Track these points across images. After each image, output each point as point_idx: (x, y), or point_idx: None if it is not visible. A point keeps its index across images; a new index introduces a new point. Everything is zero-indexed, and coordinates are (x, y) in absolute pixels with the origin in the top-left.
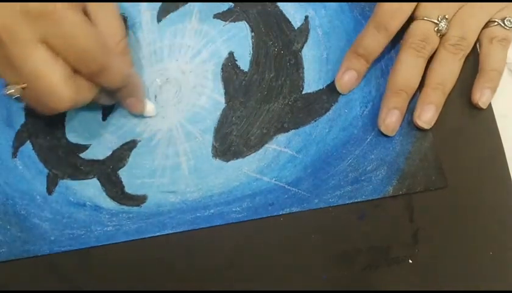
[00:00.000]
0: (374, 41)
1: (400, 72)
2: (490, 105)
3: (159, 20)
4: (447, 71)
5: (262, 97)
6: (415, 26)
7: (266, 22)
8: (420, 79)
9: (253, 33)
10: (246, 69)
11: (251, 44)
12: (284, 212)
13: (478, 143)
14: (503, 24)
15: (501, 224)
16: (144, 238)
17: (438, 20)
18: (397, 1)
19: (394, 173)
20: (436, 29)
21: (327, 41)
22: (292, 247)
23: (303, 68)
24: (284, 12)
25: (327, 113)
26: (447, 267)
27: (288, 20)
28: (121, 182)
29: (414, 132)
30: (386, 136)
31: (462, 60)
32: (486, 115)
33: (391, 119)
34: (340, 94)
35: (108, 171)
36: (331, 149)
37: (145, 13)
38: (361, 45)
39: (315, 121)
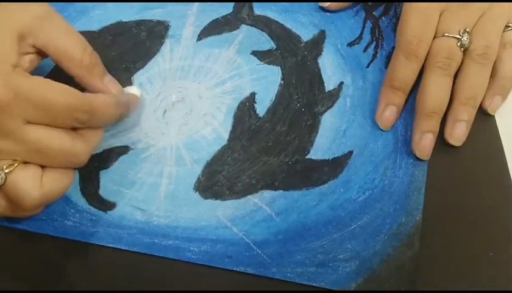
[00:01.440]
0: (407, 70)
1: (430, 94)
2: None
3: (199, 39)
4: (477, 83)
5: (265, 147)
6: (437, 45)
7: (299, 75)
8: (449, 97)
9: (282, 81)
10: (261, 115)
11: (276, 92)
12: (238, 270)
13: (478, 143)
14: None
15: (501, 224)
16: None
17: (460, 35)
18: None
19: (364, 271)
20: (459, 44)
21: (352, 113)
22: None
23: (317, 133)
24: (322, 71)
25: (322, 186)
26: (448, 268)
27: (322, 80)
28: (98, 182)
29: (402, 237)
30: (371, 231)
31: (490, 69)
32: (486, 115)
33: (425, 142)
34: (341, 171)
35: (90, 168)
36: (311, 224)
37: (189, 28)
38: (395, 78)
39: (307, 189)
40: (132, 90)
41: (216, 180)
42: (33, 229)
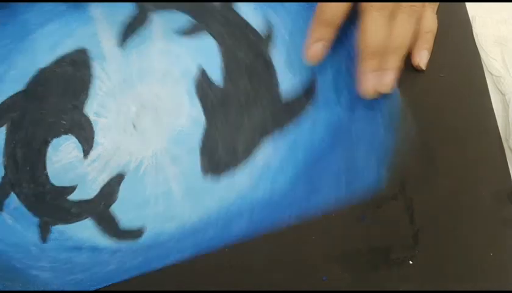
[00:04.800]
0: (337, 4)
1: (371, 32)
2: (491, 106)
3: (121, 46)
4: (406, 33)
5: (241, 107)
6: None
7: (229, 31)
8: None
9: (219, 45)
10: (220, 82)
11: (219, 56)
12: (284, 221)
13: (477, 142)
14: None
15: (501, 225)
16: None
17: None
18: None
19: (385, 169)
20: None
21: (292, 40)
22: (293, 248)
23: (275, 71)
24: (245, 17)
25: (308, 114)
26: (447, 268)
27: (250, 25)
28: (115, 218)
29: (399, 123)
30: (369, 132)
31: (417, 22)
32: (486, 112)
33: (371, 81)
34: (315, 91)
35: (100, 209)
36: (319, 154)
37: (106, 42)
38: (324, 11)
39: (297, 120)
40: None
41: (217, 158)
42: (79, 288)
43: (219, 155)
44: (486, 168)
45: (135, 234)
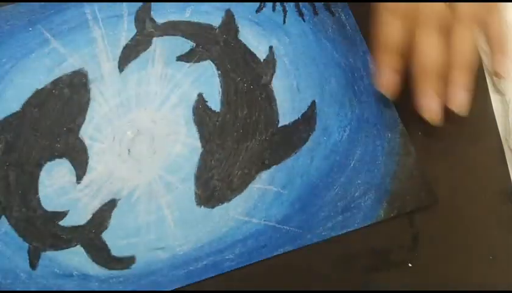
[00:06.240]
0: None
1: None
2: (491, 106)
3: (121, 70)
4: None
5: (238, 136)
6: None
7: (230, 58)
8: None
9: (219, 71)
10: (218, 110)
11: (219, 83)
12: (278, 253)
13: (477, 142)
14: None
15: (501, 225)
16: None
17: None
18: None
19: (383, 195)
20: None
21: (295, 69)
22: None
23: (275, 101)
24: (248, 45)
25: (306, 144)
26: (447, 270)
27: (253, 53)
28: (106, 245)
29: (397, 150)
30: (369, 159)
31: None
32: (486, 112)
33: (431, 105)
34: (315, 122)
35: (90, 236)
36: (316, 180)
37: (105, 65)
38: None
39: (295, 153)
40: None
41: (212, 187)
42: None
43: (213, 185)
44: (486, 168)
45: (125, 262)
